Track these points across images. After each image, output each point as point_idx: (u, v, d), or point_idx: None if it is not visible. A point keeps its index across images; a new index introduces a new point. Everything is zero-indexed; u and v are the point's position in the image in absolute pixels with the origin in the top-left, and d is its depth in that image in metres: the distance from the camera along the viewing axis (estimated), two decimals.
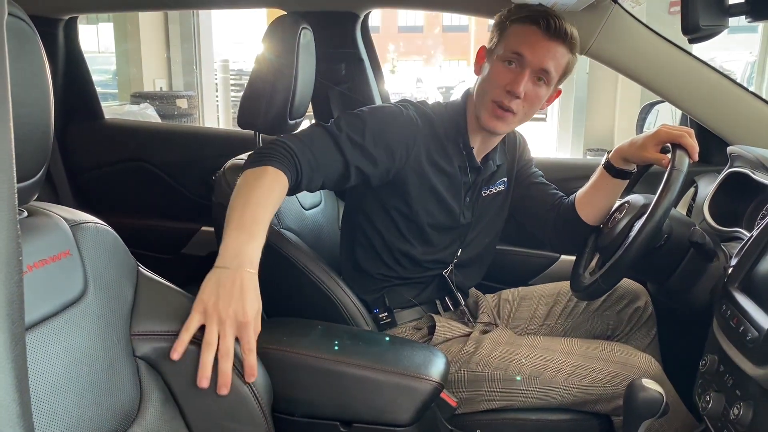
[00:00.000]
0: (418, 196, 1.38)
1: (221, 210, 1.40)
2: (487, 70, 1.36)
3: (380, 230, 1.43)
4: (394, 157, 1.31)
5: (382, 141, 1.29)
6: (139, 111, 6.45)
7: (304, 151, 1.20)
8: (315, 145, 1.22)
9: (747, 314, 1.01)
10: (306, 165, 1.19)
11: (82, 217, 0.92)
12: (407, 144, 1.33)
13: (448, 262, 1.49)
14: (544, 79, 1.32)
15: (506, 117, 1.34)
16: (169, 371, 0.97)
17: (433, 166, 1.38)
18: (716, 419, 1.05)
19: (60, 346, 0.81)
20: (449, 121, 1.41)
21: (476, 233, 1.51)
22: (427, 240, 1.44)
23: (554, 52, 1.31)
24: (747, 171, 1.42)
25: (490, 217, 1.53)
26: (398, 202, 1.39)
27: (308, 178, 1.21)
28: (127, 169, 2.19)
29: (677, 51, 1.65)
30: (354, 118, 1.30)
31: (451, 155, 1.40)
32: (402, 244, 1.43)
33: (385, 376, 1.10)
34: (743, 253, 1.13)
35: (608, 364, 1.31)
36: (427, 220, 1.41)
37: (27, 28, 0.75)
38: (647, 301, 1.53)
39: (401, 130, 1.32)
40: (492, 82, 1.34)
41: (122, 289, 0.95)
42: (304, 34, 1.48)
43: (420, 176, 1.37)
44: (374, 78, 2.03)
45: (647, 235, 1.17)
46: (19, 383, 0.45)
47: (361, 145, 1.27)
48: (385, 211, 1.41)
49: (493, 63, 1.34)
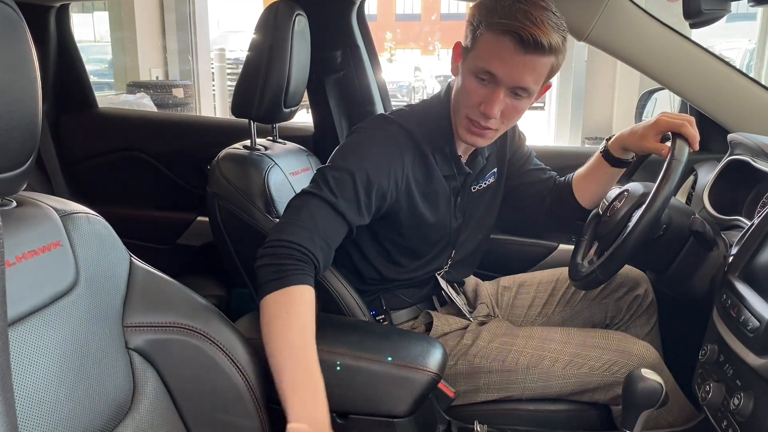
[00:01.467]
0: (410, 220, 1.32)
1: (215, 200, 1.39)
2: (461, 78, 1.23)
3: (372, 261, 1.38)
4: (386, 197, 1.25)
5: (373, 187, 1.21)
6: (135, 100, 6.42)
7: (315, 240, 1.12)
8: (321, 227, 1.14)
9: (748, 303, 1.00)
10: (321, 254, 1.13)
11: (72, 207, 0.91)
12: (396, 179, 1.25)
13: (442, 266, 1.47)
14: (523, 93, 1.20)
15: (484, 134, 1.25)
16: (162, 363, 0.96)
17: (419, 185, 1.30)
18: (716, 409, 1.04)
19: (50, 339, 0.80)
20: (434, 130, 1.31)
21: (468, 232, 1.47)
22: (419, 257, 1.41)
23: (532, 66, 1.16)
24: (747, 159, 1.40)
25: (482, 213, 1.49)
26: (390, 233, 1.35)
27: (324, 263, 1.15)
28: (121, 159, 2.17)
29: (678, 37, 1.63)
30: (340, 174, 1.19)
31: (438, 167, 1.32)
32: (393, 269, 1.40)
33: (381, 366, 1.09)
34: (744, 241, 1.12)
35: (606, 353, 1.31)
36: (420, 241, 1.37)
37: (12, 13, 0.73)
38: (647, 289, 1.52)
39: (387, 165, 1.23)
40: (465, 99, 1.22)
41: (114, 280, 0.93)
42: (298, 21, 1.46)
43: (409, 202, 1.30)
44: (371, 65, 2.00)
45: (646, 225, 1.16)
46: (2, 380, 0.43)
47: (357, 202, 1.19)
48: (378, 243, 1.37)
49: (466, 75, 1.21)
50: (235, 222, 1.37)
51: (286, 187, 1.47)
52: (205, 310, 1.03)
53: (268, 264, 1.09)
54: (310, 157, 1.68)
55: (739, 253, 1.11)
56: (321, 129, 2.01)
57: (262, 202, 1.37)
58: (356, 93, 1.96)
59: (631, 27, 1.63)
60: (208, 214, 1.43)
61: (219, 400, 0.99)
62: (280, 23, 1.42)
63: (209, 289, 1.85)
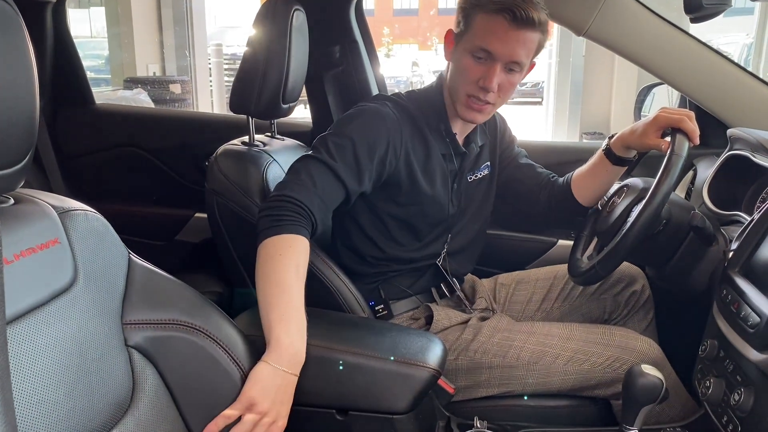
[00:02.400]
0: (409, 194, 1.36)
1: (214, 197, 1.39)
2: (457, 60, 1.32)
3: (371, 236, 1.41)
4: (385, 164, 1.30)
5: (373, 153, 1.27)
6: (132, 96, 6.41)
7: (313, 199, 1.19)
8: (320, 187, 1.21)
9: (748, 299, 1.00)
10: (318, 212, 1.19)
11: (70, 204, 0.90)
12: (395, 146, 1.31)
13: (439, 252, 1.47)
14: (516, 67, 1.29)
15: (483, 109, 1.32)
16: (162, 360, 0.95)
17: (419, 160, 1.36)
18: (716, 404, 1.04)
19: (49, 337, 0.80)
20: (428, 109, 1.39)
21: (465, 222, 1.50)
22: (416, 235, 1.43)
23: (524, 40, 1.26)
24: (747, 154, 1.40)
25: (477, 204, 1.52)
26: (390, 206, 1.38)
27: (322, 222, 1.21)
28: (118, 155, 2.16)
29: (677, 32, 1.63)
30: (340, 140, 1.26)
31: (434, 144, 1.38)
32: (393, 247, 1.42)
33: (381, 363, 1.09)
34: (744, 237, 1.12)
35: (608, 349, 1.30)
36: (418, 218, 1.40)
37: (9, 8, 0.72)
38: (644, 285, 1.52)
39: (386, 133, 1.30)
40: (464, 77, 1.30)
41: (113, 277, 0.93)
42: (296, 16, 1.45)
43: (409, 174, 1.34)
44: (369, 61, 1.99)
45: (646, 220, 1.16)
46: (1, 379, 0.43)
47: (356, 168, 1.25)
48: (377, 217, 1.40)
49: (463, 55, 1.30)
50: (233, 218, 1.36)
51: None
52: (204, 306, 1.02)
53: (267, 215, 1.15)
54: None
55: (740, 248, 1.11)
56: (319, 124, 2.01)
57: (261, 199, 1.36)
58: (355, 88, 1.95)
59: (631, 22, 1.63)
60: (207, 210, 1.42)
61: (218, 397, 0.99)
62: (278, 19, 1.42)
63: (208, 285, 1.84)
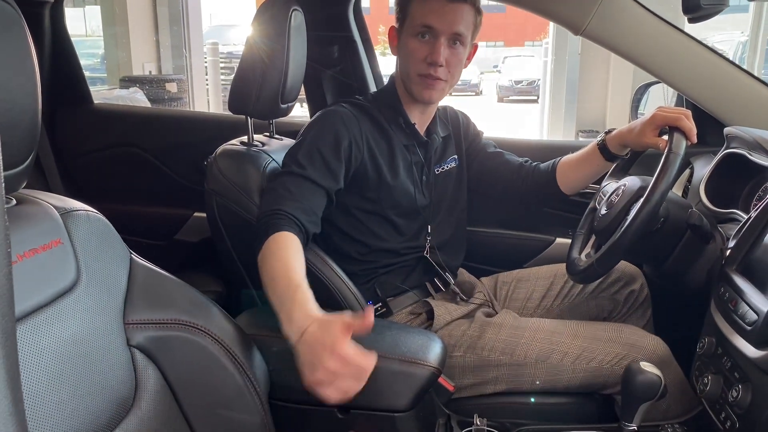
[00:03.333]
0: (376, 186, 1.41)
1: (213, 197, 1.39)
2: (403, 46, 1.41)
3: (348, 233, 1.45)
4: (351, 159, 1.36)
5: (338, 151, 1.33)
6: (128, 95, 6.38)
7: (293, 204, 1.23)
8: (297, 194, 1.26)
9: (745, 296, 1.01)
10: (302, 214, 1.23)
11: (72, 205, 0.90)
12: (357, 141, 1.36)
13: (423, 245, 1.49)
14: (459, 40, 1.37)
15: (436, 84, 1.39)
16: (164, 360, 0.96)
17: (382, 152, 1.42)
18: (714, 401, 1.05)
19: (53, 337, 0.80)
20: (384, 103, 1.46)
21: (442, 215, 1.53)
22: (395, 228, 1.46)
23: (461, 14, 1.35)
24: (744, 152, 1.41)
25: (450, 195, 1.56)
26: (360, 201, 1.42)
27: (310, 222, 1.25)
28: (117, 155, 2.16)
29: (674, 31, 1.63)
30: (305, 148, 1.33)
31: (394, 136, 1.44)
32: (374, 239, 1.45)
33: (382, 362, 1.09)
34: (741, 235, 1.12)
35: (616, 346, 1.31)
36: (388, 209, 1.43)
37: (11, 10, 0.73)
38: (643, 284, 1.53)
39: (346, 129, 1.36)
40: (412, 58, 1.38)
41: (115, 277, 0.93)
42: (294, 16, 1.46)
43: (374, 167, 1.40)
44: (367, 60, 2.00)
45: (644, 219, 1.16)
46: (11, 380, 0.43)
47: (327, 168, 1.31)
48: (351, 215, 1.43)
49: (407, 40, 1.39)
50: (232, 218, 1.36)
51: None
52: (205, 306, 1.03)
53: (257, 230, 1.21)
54: None
55: (737, 246, 1.12)
56: None
57: (260, 199, 1.37)
58: (353, 87, 1.95)
59: (628, 21, 1.63)
60: (206, 210, 1.42)
61: (220, 396, 0.99)
62: (276, 19, 1.42)
63: (207, 284, 1.84)
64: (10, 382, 0.43)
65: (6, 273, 0.44)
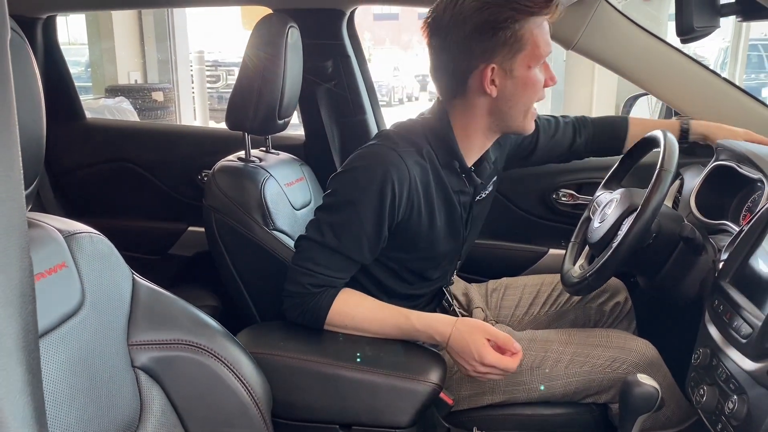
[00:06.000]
0: (412, 244, 1.28)
1: (212, 213, 1.40)
2: (519, 83, 1.20)
3: (378, 277, 1.34)
4: (395, 218, 1.22)
5: (380, 221, 1.19)
6: (114, 105, 6.35)
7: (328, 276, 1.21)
8: (330, 268, 1.20)
9: (740, 309, 1.03)
10: (343, 277, 1.23)
11: (75, 227, 0.91)
12: (402, 198, 1.20)
13: (447, 278, 1.46)
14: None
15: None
16: (168, 381, 0.96)
17: (429, 206, 1.26)
18: (710, 412, 1.07)
19: (59, 361, 0.80)
20: (439, 145, 1.26)
21: (470, 241, 1.47)
22: (423, 278, 1.38)
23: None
24: (733, 164, 1.44)
25: (479, 218, 1.47)
26: (396, 253, 1.30)
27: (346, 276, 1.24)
28: (110, 170, 2.15)
29: (662, 44, 1.66)
30: (339, 214, 1.20)
31: (448, 183, 1.28)
32: (401, 287, 1.36)
33: (383, 378, 1.11)
34: (734, 247, 1.14)
35: (606, 350, 1.33)
36: (420, 262, 1.34)
37: (17, 36, 0.73)
38: (626, 297, 1.57)
39: (391, 187, 1.18)
40: (533, 89, 1.22)
41: (119, 298, 0.93)
42: (291, 33, 1.47)
43: (418, 223, 1.25)
44: (361, 74, 2.01)
45: (637, 234, 1.18)
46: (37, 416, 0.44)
47: (362, 242, 1.20)
48: (380, 263, 1.32)
49: (526, 72, 1.19)
50: (232, 235, 1.37)
51: (282, 198, 1.48)
52: (208, 326, 1.03)
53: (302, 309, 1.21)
54: (303, 167, 1.69)
55: (730, 258, 1.14)
56: (312, 138, 2.02)
57: (260, 215, 1.37)
58: (347, 102, 1.97)
59: (617, 35, 1.67)
60: (205, 226, 1.43)
61: (225, 415, 1.00)
62: (273, 36, 1.43)
63: (203, 299, 1.84)
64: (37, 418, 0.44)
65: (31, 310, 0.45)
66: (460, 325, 1.17)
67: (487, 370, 1.14)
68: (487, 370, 1.14)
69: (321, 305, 1.20)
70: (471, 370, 1.15)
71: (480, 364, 1.13)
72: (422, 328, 1.19)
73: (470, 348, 1.13)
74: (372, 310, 1.22)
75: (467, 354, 1.14)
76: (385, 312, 1.22)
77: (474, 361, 1.13)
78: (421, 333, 1.20)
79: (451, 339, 1.16)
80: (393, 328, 1.21)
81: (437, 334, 1.18)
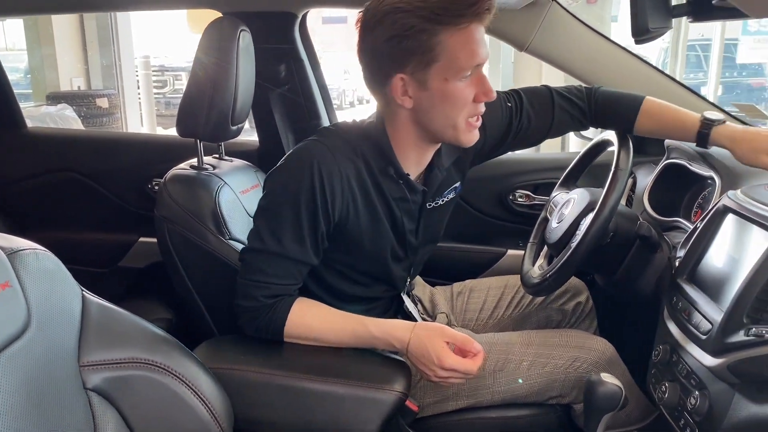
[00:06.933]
0: (359, 242, 1.25)
1: (164, 223, 1.35)
2: (437, 95, 1.12)
3: (328, 281, 1.31)
4: (330, 220, 1.18)
5: (314, 217, 1.16)
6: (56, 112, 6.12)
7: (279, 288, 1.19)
8: (277, 275, 1.18)
9: (698, 306, 1.05)
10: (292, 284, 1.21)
11: (18, 244, 0.86)
12: (335, 199, 1.16)
13: (402, 287, 1.42)
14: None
15: (479, 122, 1.20)
16: (123, 402, 0.92)
17: (372, 209, 1.23)
18: (673, 408, 1.08)
19: (4, 386, 0.75)
20: (372, 148, 1.21)
21: (425, 248, 1.42)
22: (378, 278, 1.34)
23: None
24: (684, 162, 1.47)
25: (435, 226, 1.40)
26: (340, 255, 1.27)
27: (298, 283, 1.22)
28: (54, 181, 2.07)
29: (611, 45, 1.70)
30: (276, 220, 1.16)
31: (386, 189, 1.23)
32: (352, 288, 1.33)
33: (347, 389, 1.09)
34: (690, 245, 1.17)
35: (566, 350, 1.34)
36: (377, 262, 1.30)
37: None
38: (588, 296, 1.58)
39: (322, 187, 1.14)
40: (460, 103, 1.13)
41: (67, 317, 0.89)
42: (243, 37, 1.43)
43: (354, 227, 1.22)
44: (315, 78, 1.98)
45: (595, 234, 1.20)
46: None
47: (303, 242, 1.17)
48: (328, 267, 1.29)
49: (444, 85, 1.11)
50: (186, 245, 1.33)
51: (237, 206, 1.44)
52: (164, 342, 0.99)
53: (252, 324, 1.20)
54: (258, 173, 1.65)
55: (686, 256, 1.16)
56: (267, 144, 1.98)
57: (214, 224, 1.33)
58: (301, 106, 1.94)
59: (569, 36, 1.69)
60: (157, 237, 1.38)
61: None
62: (224, 40, 1.39)
63: (156, 312, 1.78)
64: None
65: None
66: (418, 330, 1.15)
67: (448, 374, 1.12)
68: (447, 374, 1.12)
69: (277, 316, 1.17)
70: (432, 375, 1.14)
71: (440, 369, 1.12)
72: (380, 335, 1.17)
73: (429, 352, 1.12)
74: (328, 319, 1.20)
75: (427, 359, 1.13)
76: (342, 320, 1.20)
77: (434, 366, 1.12)
78: (379, 340, 1.18)
79: (410, 344, 1.14)
80: (350, 336, 1.19)
81: (396, 341, 1.16)
